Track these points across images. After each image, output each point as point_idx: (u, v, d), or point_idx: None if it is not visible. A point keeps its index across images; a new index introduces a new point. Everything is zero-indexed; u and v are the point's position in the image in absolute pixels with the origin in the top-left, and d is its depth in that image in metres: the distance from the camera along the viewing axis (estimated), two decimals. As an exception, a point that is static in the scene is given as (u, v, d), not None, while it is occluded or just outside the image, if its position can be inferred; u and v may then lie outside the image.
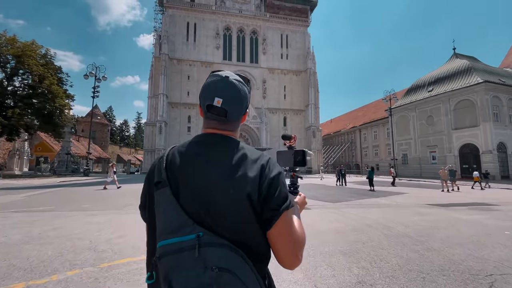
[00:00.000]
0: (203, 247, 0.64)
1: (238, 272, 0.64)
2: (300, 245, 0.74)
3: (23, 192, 12.14)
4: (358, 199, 10.81)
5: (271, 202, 0.72)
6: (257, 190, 0.71)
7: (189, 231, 0.67)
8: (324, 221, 6.22)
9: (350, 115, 62.74)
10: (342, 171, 18.43)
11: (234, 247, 0.66)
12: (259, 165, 0.75)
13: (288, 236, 0.72)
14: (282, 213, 0.72)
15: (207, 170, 0.74)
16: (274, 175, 0.74)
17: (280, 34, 49.97)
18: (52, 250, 3.91)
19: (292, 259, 0.72)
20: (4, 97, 24.19)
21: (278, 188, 0.73)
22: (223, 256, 0.65)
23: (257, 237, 0.72)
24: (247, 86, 0.86)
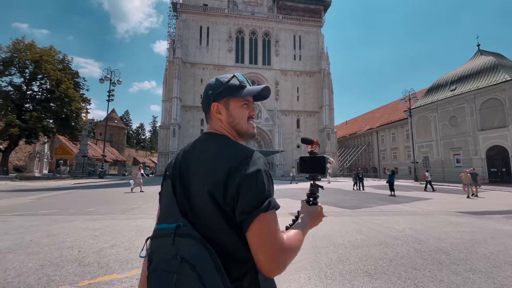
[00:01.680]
0: (178, 237, 0.70)
1: (197, 266, 0.66)
2: (281, 252, 0.69)
3: (34, 194, 12.17)
4: (379, 205, 9.93)
5: (243, 203, 0.69)
6: (221, 188, 0.71)
7: (174, 220, 0.74)
8: (342, 231, 5.51)
9: (366, 117, 60.80)
10: (359, 174, 17.43)
11: (204, 242, 0.69)
12: (230, 162, 0.73)
13: (264, 240, 0.68)
14: (256, 216, 0.68)
15: (189, 165, 0.80)
16: (247, 174, 0.71)
17: (293, 35, 49.36)
18: (36, 261, 3.50)
19: (268, 265, 0.68)
20: (23, 101, 25.04)
21: (252, 189, 0.70)
22: (191, 248, 0.68)
23: (229, 236, 0.72)
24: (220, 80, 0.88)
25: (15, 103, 24.37)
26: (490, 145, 27.78)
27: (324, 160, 0.93)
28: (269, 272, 0.69)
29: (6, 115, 22.94)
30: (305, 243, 3.96)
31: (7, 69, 23.82)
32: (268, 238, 0.69)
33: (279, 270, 0.69)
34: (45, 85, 25.81)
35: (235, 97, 0.86)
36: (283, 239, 0.71)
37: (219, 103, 0.88)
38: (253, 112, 0.92)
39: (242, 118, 0.88)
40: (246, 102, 0.89)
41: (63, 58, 26.75)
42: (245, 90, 0.87)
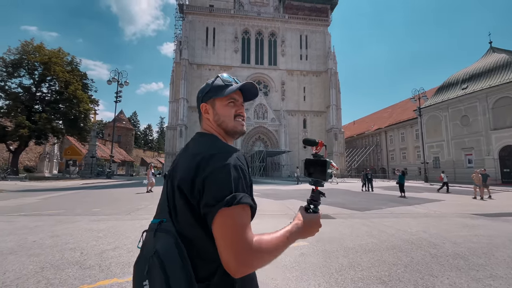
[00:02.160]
0: (158, 231, 0.75)
1: (165, 259, 0.69)
2: (246, 252, 0.66)
3: (42, 194, 12.28)
4: (389, 207, 9.63)
5: (207, 197, 0.69)
6: (189, 182, 0.72)
7: (161, 216, 0.79)
8: (353, 234, 5.29)
9: (374, 117, 59.92)
10: (368, 175, 17.06)
11: (176, 237, 0.72)
12: (199, 158, 0.75)
13: (226, 236, 0.67)
14: (219, 209, 0.67)
15: (177, 164, 0.84)
16: (214, 168, 0.71)
17: (299, 35, 49.05)
18: (36, 263, 3.42)
19: (230, 263, 0.66)
20: (33, 103, 25.49)
21: (216, 182, 0.70)
22: (164, 242, 0.72)
23: (197, 231, 0.73)
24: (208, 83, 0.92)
25: (25, 104, 24.83)
26: (503, 145, 26.95)
27: (325, 164, 0.87)
28: (231, 271, 0.67)
29: (16, 116, 23.39)
30: (315, 247, 3.75)
31: (16, 71, 24.27)
32: (231, 234, 0.67)
33: (242, 270, 0.67)
34: (54, 87, 26.24)
35: (219, 96, 0.88)
36: (251, 238, 0.68)
37: (206, 103, 0.91)
38: (240, 110, 0.92)
39: (228, 116, 0.90)
40: (232, 100, 0.90)
41: (71, 60, 27.15)
42: (228, 89, 0.88)
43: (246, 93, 0.95)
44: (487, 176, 13.77)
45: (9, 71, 23.96)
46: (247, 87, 0.92)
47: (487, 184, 13.80)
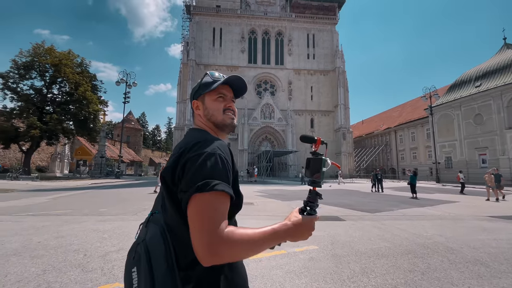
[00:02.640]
0: (150, 222, 0.80)
1: (150, 247, 0.73)
2: (216, 241, 0.65)
3: (52, 194, 12.43)
4: (401, 209, 9.31)
5: (182, 183, 0.71)
6: (171, 173, 0.74)
7: (154, 209, 0.83)
8: (364, 238, 5.07)
9: (383, 116, 58.90)
10: (378, 175, 16.66)
11: (163, 227, 0.75)
12: (182, 149, 0.77)
13: (196, 222, 0.67)
14: (191, 195, 0.68)
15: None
16: (192, 156, 0.73)
17: (306, 34, 48.64)
18: (39, 265, 3.35)
19: (201, 250, 0.65)
20: (44, 104, 26.00)
21: (192, 168, 0.71)
22: (152, 232, 0.76)
23: (177, 219, 0.74)
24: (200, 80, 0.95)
25: (36, 105, 25.36)
26: (519, 144, 25.98)
27: (320, 163, 0.81)
28: (200, 258, 0.66)
29: (28, 117, 23.90)
30: (324, 250, 3.55)
31: (28, 73, 24.80)
32: (201, 220, 0.66)
33: (209, 258, 0.65)
34: (65, 88, 26.72)
35: (208, 92, 0.91)
36: (222, 227, 0.67)
37: (197, 100, 0.94)
38: (229, 104, 0.94)
39: (216, 109, 0.91)
40: (221, 95, 0.93)
41: (81, 61, 27.59)
42: (215, 83, 0.91)
43: (235, 87, 0.97)
44: (500, 176, 13.21)
45: (21, 73, 24.51)
46: (232, 80, 0.94)
47: (502, 185, 13.25)
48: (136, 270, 0.74)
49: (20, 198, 10.39)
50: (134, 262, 0.75)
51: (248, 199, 11.23)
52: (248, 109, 43.28)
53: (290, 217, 0.81)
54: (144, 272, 0.71)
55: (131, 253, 0.80)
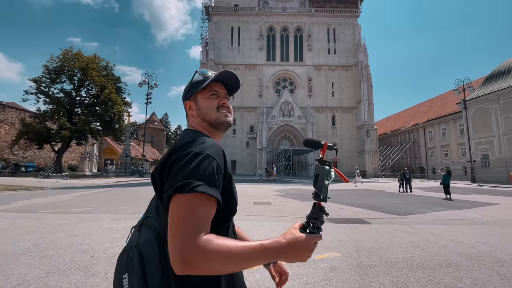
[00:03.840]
0: (143, 226, 0.76)
1: (144, 252, 0.69)
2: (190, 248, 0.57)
3: (78, 191, 12.90)
4: (434, 211, 8.47)
5: (166, 183, 0.68)
6: (158, 173, 0.72)
7: (148, 212, 0.80)
8: (394, 245, 4.50)
9: (411, 111, 55.75)
10: (406, 174, 15.55)
11: (158, 231, 0.71)
12: (173, 148, 0.74)
13: (172, 224, 0.61)
14: (171, 195, 0.63)
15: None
16: (179, 155, 0.69)
17: (326, 29, 47.21)
18: (44, 266, 3.24)
19: (173, 256, 0.59)
20: (73, 106, 27.47)
21: (177, 168, 0.67)
22: (145, 236, 0.72)
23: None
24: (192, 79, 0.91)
25: (66, 108, 26.86)
26: None
27: (323, 174, 0.70)
28: (172, 265, 0.59)
29: (59, 119, 25.37)
30: (348, 259, 3.07)
31: (58, 77, 26.35)
32: (177, 223, 0.60)
33: (181, 267, 0.57)
34: (91, 91, 28.06)
35: (199, 90, 0.88)
36: (198, 232, 0.60)
37: (189, 100, 0.90)
38: (223, 101, 0.90)
39: (210, 107, 0.88)
40: (214, 93, 0.89)
41: (106, 65, 28.81)
42: (206, 81, 0.88)
43: (228, 84, 0.93)
44: None
45: (52, 78, 26.07)
46: (223, 76, 0.90)
47: None
48: (127, 276, 0.69)
49: (47, 195, 10.83)
50: (125, 267, 0.70)
51: (266, 199, 10.88)
52: (266, 108, 42.88)
53: (286, 234, 0.69)
54: (137, 278, 0.66)
55: (122, 256, 0.74)
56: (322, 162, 0.74)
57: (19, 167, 27.92)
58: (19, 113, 34.09)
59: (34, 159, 35.61)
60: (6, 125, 32.00)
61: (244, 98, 45.32)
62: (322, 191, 0.71)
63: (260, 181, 27.24)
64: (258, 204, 9.39)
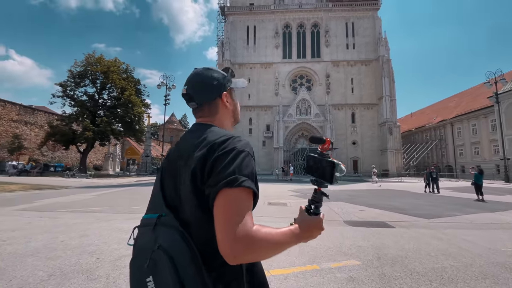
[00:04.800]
0: (159, 225, 0.73)
1: (172, 252, 0.67)
2: (242, 238, 0.63)
3: (98, 190, 13.30)
4: (466, 214, 7.74)
5: (212, 178, 0.69)
6: (200, 168, 0.71)
7: (158, 211, 0.77)
8: (421, 252, 4.05)
9: (437, 107, 52.79)
10: (432, 174, 14.55)
11: (181, 230, 0.70)
12: (211, 144, 0.74)
13: (223, 217, 0.66)
14: (220, 189, 0.67)
15: (176, 157, 0.82)
16: (223, 152, 0.72)
17: (344, 23, 45.76)
18: (48, 268, 3.18)
19: (225, 246, 0.64)
20: (96, 108, 28.66)
21: (223, 164, 0.70)
22: (168, 236, 0.70)
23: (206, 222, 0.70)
24: (222, 72, 0.91)
25: (90, 110, 28.09)
26: None
27: (333, 167, 0.79)
28: (225, 255, 0.64)
29: (83, 120, 26.59)
30: (369, 268, 2.73)
31: (82, 81, 27.62)
32: (229, 215, 0.65)
33: (235, 256, 0.63)
34: (113, 93, 29.13)
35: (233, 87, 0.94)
36: (250, 224, 0.66)
37: (227, 92, 0.91)
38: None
39: (238, 105, 0.97)
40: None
41: (126, 68, 29.80)
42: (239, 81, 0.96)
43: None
44: None
45: (76, 81, 27.37)
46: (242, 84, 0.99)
47: None
48: (152, 279, 0.68)
49: (68, 194, 11.22)
50: (148, 271, 0.69)
51: (281, 199, 10.55)
52: (283, 106, 42.36)
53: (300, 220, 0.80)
54: (172, 280, 0.65)
55: (139, 260, 0.73)
56: (322, 155, 0.83)
57: (48, 167, 29.58)
58: (47, 116, 36.16)
59: (62, 160, 37.63)
60: (36, 127, 34.08)
61: (260, 97, 45.07)
62: (333, 181, 0.79)
63: (276, 180, 26.89)
64: (273, 204, 9.10)
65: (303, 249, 4.01)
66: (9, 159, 28.87)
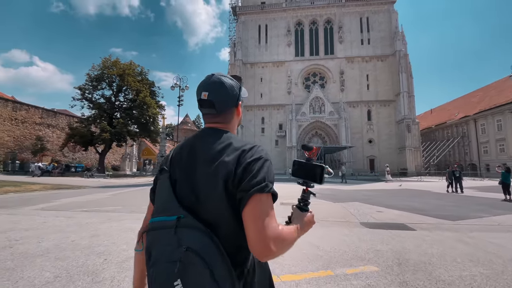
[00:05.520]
0: (180, 227, 0.73)
1: (204, 254, 0.69)
2: (273, 234, 0.72)
3: (114, 190, 13.59)
4: (493, 215, 7.18)
5: (244, 184, 0.74)
6: (233, 173, 0.76)
7: (173, 213, 0.76)
8: (446, 258, 3.71)
9: (458, 102, 50.35)
10: (456, 172, 13.76)
11: (208, 231, 0.72)
12: (239, 151, 0.80)
13: (257, 219, 0.72)
14: (252, 194, 0.73)
15: (195, 159, 0.83)
16: (252, 159, 0.78)
17: (359, 18, 44.57)
18: (56, 270, 3.15)
19: (259, 246, 0.71)
20: (113, 111, 29.49)
21: (253, 171, 0.76)
22: (195, 238, 0.72)
23: (232, 223, 0.76)
24: (237, 81, 0.96)
25: (107, 112, 28.96)
26: None
27: (322, 170, 0.90)
28: (258, 254, 0.71)
29: (100, 122, 27.43)
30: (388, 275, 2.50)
31: (99, 84, 28.53)
32: (261, 217, 0.72)
33: (271, 253, 0.70)
34: (128, 96, 29.88)
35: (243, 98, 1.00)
36: (277, 225, 0.74)
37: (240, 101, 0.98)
38: None
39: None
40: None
41: (141, 70, 30.48)
42: (244, 91, 1.01)
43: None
44: None
45: (94, 85, 28.32)
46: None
47: None
48: (180, 282, 0.69)
49: (85, 194, 11.51)
50: (178, 274, 0.69)
51: (294, 200, 10.24)
52: (295, 105, 41.86)
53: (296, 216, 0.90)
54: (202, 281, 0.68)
55: (167, 264, 0.71)
56: (310, 161, 0.93)
57: (69, 168, 30.78)
58: (68, 118, 37.69)
59: (82, 160, 39.09)
60: (57, 130, 35.60)
61: (272, 96, 44.78)
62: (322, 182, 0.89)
63: (289, 180, 26.55)
64: (285, 205, 8.85)
65: (316, 252, 3.79)
66: (33, 160, 30.31)
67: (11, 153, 30.51)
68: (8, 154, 30.44)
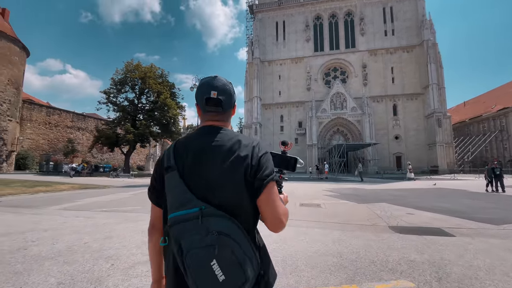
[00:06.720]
0: (205, 217, 0.82)
1: (234, 235, 0.81)
2: (283, 212, 0.92)
3: (136, 190, 13.87)
4: (548, 220, 6.24)
5: (260, 174, 0.90)
6: (249, 166, 0.89)
7: (194, 205, 0.84)
8: (496, 271, 3.12)
9: (495, 94, 46.32)
10: (496, 170, 12.43)
11: (230, 217, 0.83)
12: (251, 147, 0.93)
13: (273, 201, 0.90)
14: (268, 182, 0.90)
15: (207, 155, 0.91)
16: (262, 154, 0.93)
17: (381, 8, 42.43)
18: (61, 275, 3.04)
19: (277, 222, 0.90)
20: (136, 113, 30.52)
21: (265, 163, 0.92)
22: (221, 223, 0.82)
23: (248, 208, 0.90)
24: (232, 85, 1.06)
25: (130, 114, 30.03)
26: None
27: (296, 161, 1.14)
28: (276, 228, 0.90)
29: (125, 124, 28.51)
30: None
31: (123, 87, 29.63)
32: (277, 200, 0.92)
33: (283, 225, 0.91)
34: (150, 98, 30.77)
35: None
36: (282, 204, 0.96)
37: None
38: None
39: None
40: None
41: (161, 73, 31.24)
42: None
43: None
44: None
45: (118, 88, 29.47)
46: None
47: None
48: (216, 261, 0.78)
49: (108, 194, 11.81)
50: (212, 256, 0.78)
51: (315, 200, 9.79)
52: (315, 101, 40.80)
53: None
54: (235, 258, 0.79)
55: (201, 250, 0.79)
56: (284, 153, 1.16)
57: (97, 168, 32.37)
58: (96, 122, 39.74)
59: (110, 161, 41.02)
60: (87, 132, 37.65)
61: (291, 93, 44.02)
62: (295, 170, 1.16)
63: (310, 179, 25.83)
64: (305, 206, 8.42)
65: (339, 263, 3.37)
66: (66, 162, 32.25)
67: (45, 155, 32.67)
68: (43, 156, 32.64)
